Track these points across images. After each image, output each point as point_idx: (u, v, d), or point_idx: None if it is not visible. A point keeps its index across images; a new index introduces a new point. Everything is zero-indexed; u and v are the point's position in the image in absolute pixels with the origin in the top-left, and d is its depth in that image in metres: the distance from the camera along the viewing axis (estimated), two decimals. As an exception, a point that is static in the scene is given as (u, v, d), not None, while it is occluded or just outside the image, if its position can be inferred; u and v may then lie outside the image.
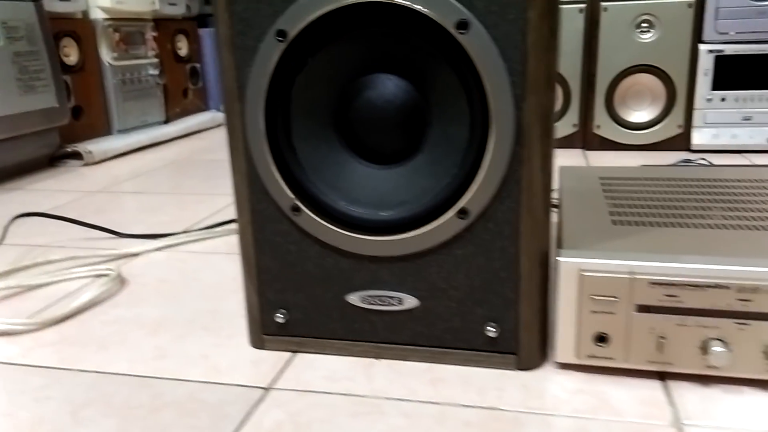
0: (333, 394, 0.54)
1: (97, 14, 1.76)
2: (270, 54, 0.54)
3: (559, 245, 0.57)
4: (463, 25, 0.51)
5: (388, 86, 0.56)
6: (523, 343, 0.57)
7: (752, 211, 0.64)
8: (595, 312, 0.54)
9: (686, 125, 1.42)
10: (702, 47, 1.36)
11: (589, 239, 0.58)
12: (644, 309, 0.52)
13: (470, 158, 0.53)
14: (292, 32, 0.53)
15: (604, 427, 0.48)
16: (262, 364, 0.59)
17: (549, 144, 0.54)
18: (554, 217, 0.60)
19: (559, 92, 1.49)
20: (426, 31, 0.52)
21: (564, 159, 1.42)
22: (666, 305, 0.52)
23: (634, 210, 0.67)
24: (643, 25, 1.38)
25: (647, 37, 1.39)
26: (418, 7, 0.51)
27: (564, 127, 1.51)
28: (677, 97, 1.41)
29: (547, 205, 0.55)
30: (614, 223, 0.63)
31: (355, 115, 0.56)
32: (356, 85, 0.56)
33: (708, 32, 1.35)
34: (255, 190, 0.58)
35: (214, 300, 0.74)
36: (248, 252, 0.60)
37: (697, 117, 1.40)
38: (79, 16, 1.73)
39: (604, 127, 1.47)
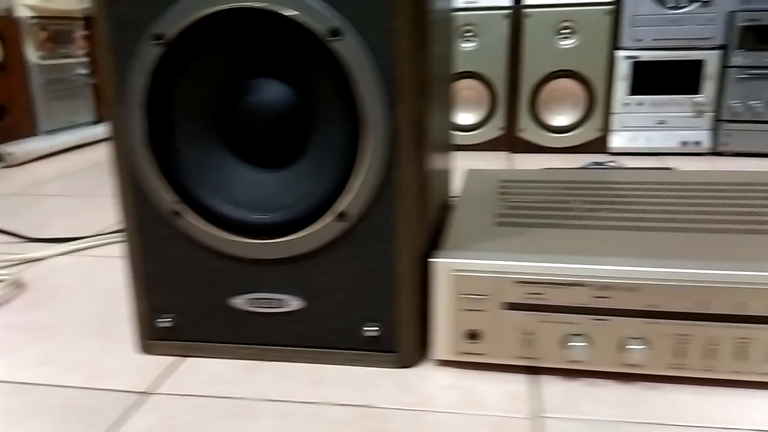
0: (211, 397, 0.55)
1: (22, 12, 1.72)
2: (147, 57, 0.54)
3: (438, 246, 0.59)
4: (335, 33, 0.52)
5: (271, 91, 0.56)
6: (402, 342, 0.58)
7: (637, 212, 0.68)
8: (466, 310, 0.56)
9: (605, 129, 1.47)
10: (619, 53, 1.41)
11: (468, 240, 0.60)
12: (511, 307, 0.55)
13: (347, 162, 0.55)
14: (169, 35, 0.54)
15: (466, 420, 0.50)
16: (146, 369, 0.59)
17: (423, 149, 0.56)
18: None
19: (486, 96, 1.52)
20: (301, 37, 0.53)
21: (487, 161, 1.45)
22: (531, 303, 0.54)
23: (522, 212, 0.69)
24: (564, 31, 1.43)
25: (568, 43, 1.43)
26: (291, 14, 0.52)
27: (490, 130, 1.54)
28: (597, 102, 1.46)
29: (424, 207, 0.57)
30: (499, 224, 0.65)
31: (238, 118, 0.57)
32: (239, 88, 0.56)
33: (625, 39, 1.40)
34: (138, 194, 0.58)
35: (110, 305, 0.73)
36: (133, 257, 0.60)
37: (615, 121, 1.45)
38: (3, 14, 1.68)
39: (528, 130, 1.51)
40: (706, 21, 1.36)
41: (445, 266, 0.55)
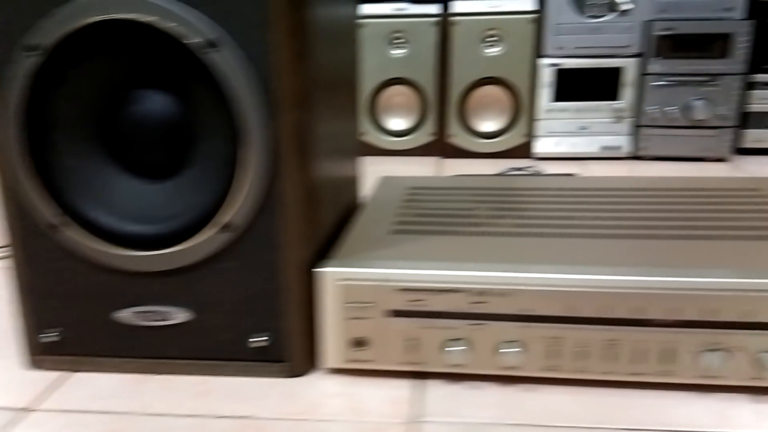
0: (94, 412, 0.54)
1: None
2: (22, 68, 0.53)
3: (329, 255, 0.60)
4: (211, 44, 0.52)
5: (153, 101, 0.56)
6: (291, 352, 0.58)
7: (535, 218, 0.69)
8: (352, 318, 0.56)
9: (530, 134, 1.51)
10: (542, 61, 1.45)
11: (359, 249, 0.61)
12: (395, 314, 0.56)
13: (229, 173, 0.55)
14: (45, 45, 0.53)
15: (344, 427, 0.51)
16: (30, 384, 0.58)
17: (307, 158, 0.56)
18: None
19: (417, 102, 1.54)
20: (178, 49, 0.53)
21: (415, 167, 1.47)
22: (413, 309, 0.55)
23: (423, 219, 0.70)
24: (491, 39, 1.46)
25: (494, 51, 1.46)
26: (166, 25, 0.52)
27: (422, 136, 1.56)
28: (522, 108, 1.49)
29: (311, 217, 0.58)
30: (395, 232, 0.66)
31: (121, 129, 0.57)
32: (122, 99, 0.56)
33: (548, 47, 1.44)
34: (20, 207, 0.57)
35: None
36: (17, 270, 0.59)
37: (539, 127, 1.49)
38: None
39: (457, 136, 1.53)
40: (624, 30, 1.40)
41: (331, 275, 0.56)
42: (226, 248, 0.56)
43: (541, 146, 1.50)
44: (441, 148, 1.56)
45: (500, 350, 0.54)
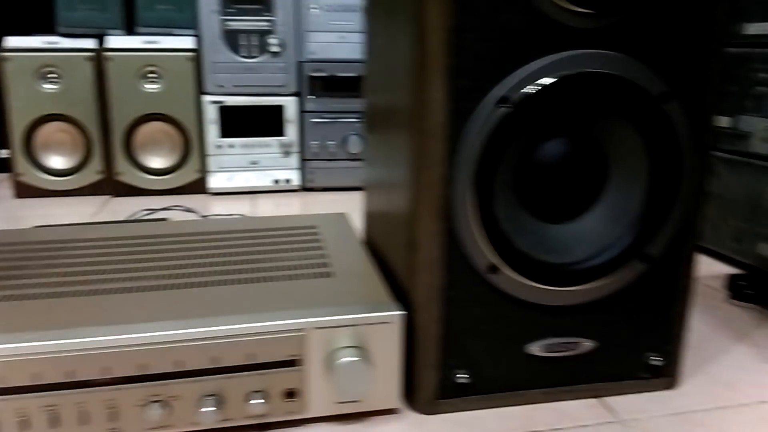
0: None
1: None
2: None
3: None
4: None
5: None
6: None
7: (81, 275, 0.67)
8: None
9: (203, 170, 1.52)
10: (205, 98, 1.47)
11: None
12: None
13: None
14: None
15: None
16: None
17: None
18: None
19: (80, 140, 1.47)
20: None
21: (83, 208, 1.39)
22: None
23: None
24: (150, 75, 1.44)
25: (155, 87, 1.44)
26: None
27: (89, 174, 1.48)
28: (192, 144, 1.50)
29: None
30: None
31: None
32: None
33: (208, 84, 1.46)
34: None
35: None
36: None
37: (211, 162, 1.51)
38: None
39: (126, 173, 1.48)
40: (279, 70, 1.48)
41: None
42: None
43: (214, 181, 1.51)
44: (111, 186, 1.50)
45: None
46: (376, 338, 0.58)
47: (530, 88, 0.54)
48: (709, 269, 1.03)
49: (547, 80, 0.54)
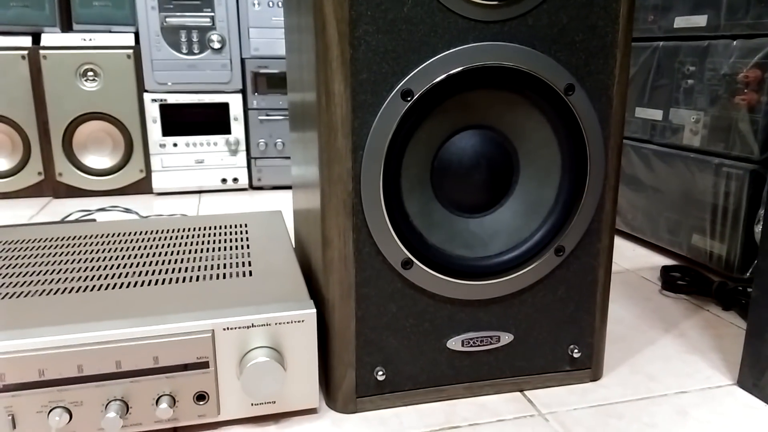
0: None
1: None
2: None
3: None
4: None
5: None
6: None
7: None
8: None
9: (147, 170, 1.48)
10: (146, 96, 1.44)
11: None
12: None
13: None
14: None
15: None
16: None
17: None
18: None
19: (18, 141, 1.42)
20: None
21: (19, 211, 1.35)
22: None
23: None
24: (88, 73, 1.40)
25: (93, 85, 1.41)
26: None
27: (30, 175, 1.44)
28: (134, 143, 1.46)
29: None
30: None
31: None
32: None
33: (149, 82, 1.43)
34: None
35: None
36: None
37: (154, 162, 1.47)
38: None
39: (67, 174, 1.44)
40: (221, 67, 1.45)
41: None
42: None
43: (159, 181, 1.48)
44: (52, 187, 1.46)
45: None
46: (290, 337, 0.57)
47: (433, 81, 0.54)
48: (645, 261, 1.05)
49: (450, 72, 0.54)
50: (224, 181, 1.51)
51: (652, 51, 1.03)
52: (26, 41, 1.39)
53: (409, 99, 0.53)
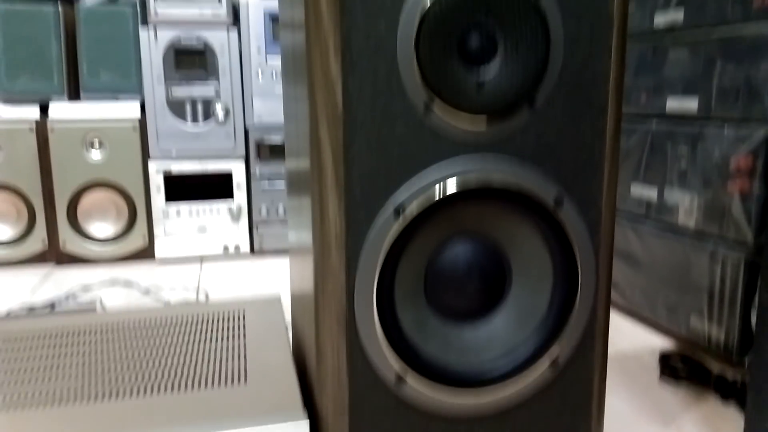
0: None
1: None
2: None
3: None
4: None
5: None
6: None
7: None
8: None
9: (151, 237, 1.50)
10: (151, 165, 1.46)
11: None
12: None
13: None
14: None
15: None
16: None
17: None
18: None
19: (24, 209, 1.44)
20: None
21: (27, 278, 1.36)
22: None
23: None
24: (94, 144, 1.43)
25: (99, 155, 1.43)
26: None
27: (33, 243, 1.46)
28: (138, 211, 1.48)
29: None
30: None
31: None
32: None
33: (154, 151, 1.46)
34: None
35: None
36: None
37: (157, 229, 1.49)
38: None
39: (70, 242, 1.46)
40: (225, 135, 1.48)
41: None
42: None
43: (162, 248, 1.49)
44: (56, 256, 1.47)
45: None
46: (283, 451, 0.57)
47: (426, 199, 0.55)
48: (644, 343, 1.04)
49: (445, 194, 0.55)
50: (226, 248, 1.52)
51: (646, 131, 1.05)
52: (34, 111, 1.42)
53: (400, 215, 0.54)
